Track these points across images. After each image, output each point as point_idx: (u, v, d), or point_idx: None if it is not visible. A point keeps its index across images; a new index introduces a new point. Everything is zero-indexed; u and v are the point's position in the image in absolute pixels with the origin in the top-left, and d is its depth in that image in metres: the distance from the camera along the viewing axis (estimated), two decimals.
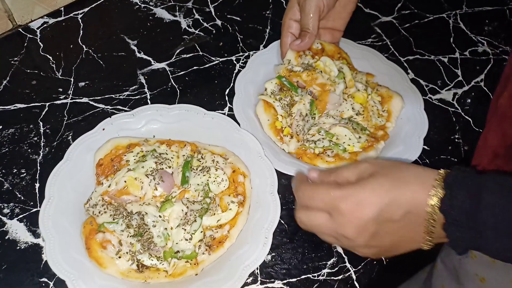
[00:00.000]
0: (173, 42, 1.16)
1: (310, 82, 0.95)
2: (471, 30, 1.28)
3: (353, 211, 0.56)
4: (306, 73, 0.95)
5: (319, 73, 0.95)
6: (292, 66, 0.97)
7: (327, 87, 0.95)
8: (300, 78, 0.95)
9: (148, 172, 0.81)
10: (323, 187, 0.61)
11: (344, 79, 0.97)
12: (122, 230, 0.74)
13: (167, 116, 0.92)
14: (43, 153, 0.89)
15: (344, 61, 1.02)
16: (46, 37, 1.13)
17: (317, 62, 0.97)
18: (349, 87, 0.99)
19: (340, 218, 0.57)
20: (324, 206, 0.59)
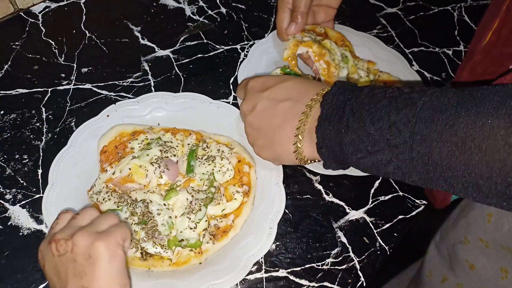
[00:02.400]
0: (177, 29, 1.14)
1: (319, 56, 0.92)
2: (475, 23, 1.27)
3: (256, 85, 0.74)
4: (317, 45, 0.91)
5: (326, 50, 0.92)
6: (301, 37, 0.93)
7: (331, 68, 0.93)
8: (311, 48, 0.91)
9: (153, 160, 0.81)
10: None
11: (348, 64, 0.95)
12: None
13: (172, 104, 0.91)
14: (46, 139, 0.88)
15: (347, 48, 1.01)
16: (48, 21, 1.11)
17: (324, 40, 0.94)
18: (351, 73, 0.98)
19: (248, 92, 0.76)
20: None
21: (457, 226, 1.04)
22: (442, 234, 1.12)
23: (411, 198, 0.86)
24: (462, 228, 1.01)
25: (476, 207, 0.98)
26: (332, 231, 0.81)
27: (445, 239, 1.09)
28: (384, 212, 0.84)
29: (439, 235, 1.13)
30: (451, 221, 1.09)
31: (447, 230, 1.09)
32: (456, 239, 1.03)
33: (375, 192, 0.87)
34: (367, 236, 0.81)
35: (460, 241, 1.01)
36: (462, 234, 1.01)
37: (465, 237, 1.00)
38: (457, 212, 1.08)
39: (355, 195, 0.86)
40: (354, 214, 0.83)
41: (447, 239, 1.08)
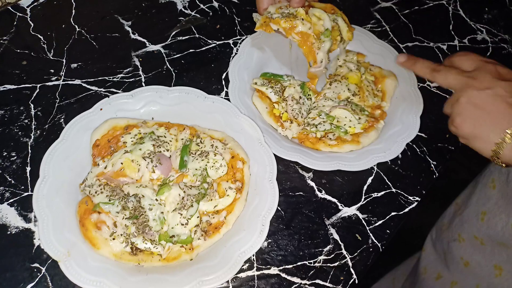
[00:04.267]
0: (168, 23, 1.12)
1: (289, 30, 0.90)
2: (470, 17, 1.26)
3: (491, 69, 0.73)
4: (284, 20, 0.89)
5: (299, 20, 0.89)
6: (270, 14, 0.92)
7: (310, 38, 0.91)
8: (279, 25, 0.90)
9: (146, 155, 0.80)
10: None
11: (330, 37, 0.92)
12: (117, 212, 0.73)
13: (167, 98, 0.90)
14: (34, 136, 0.87)
15: (338, 14, 0.98)
16: (37, 16, 1.09)
17: (297, 10, 0.92)
18: (347, 39, 0.96)
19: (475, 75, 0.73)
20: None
21: (452, 224, 1.04)
22: (437, 231, 1.12)
23: (404, 195, 0.86)
24: (457, 226, 1.01)
25: (471, 205, 0.98)
26: (325, 228, 0.80)
27: (441, 236, 1.09)
28: (377, 209, 0.84)
29: (435, 232, 1.13)
30: (446, 219, 1.09)
31: (442, 228, 1.09)
32: (451, 237, 1.03)
33: (367, 188, 0.86)
34: (360, 233, 0.80)
35: (454, 238, 1.01)
36: (456, 231, 1.01)
37: (459, 234, 1.00)
38: (452, 211, 1.08)
39: (347, 192, 0.85)
40: (347, 211, 0.83)
41: (442, 236, 1.08)
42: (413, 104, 0.95)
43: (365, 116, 0.92)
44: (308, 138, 0.90)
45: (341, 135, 0.89)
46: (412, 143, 0.93)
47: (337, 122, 0.91)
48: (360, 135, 0.89)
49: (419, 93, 0.97)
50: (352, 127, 0.90)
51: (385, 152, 0.87)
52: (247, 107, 0.91)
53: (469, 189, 1.05)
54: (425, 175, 0.90)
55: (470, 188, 1.05)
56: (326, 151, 0.88)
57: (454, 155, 0.96)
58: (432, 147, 0.94)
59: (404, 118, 0.93)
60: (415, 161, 0.92)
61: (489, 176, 0.95)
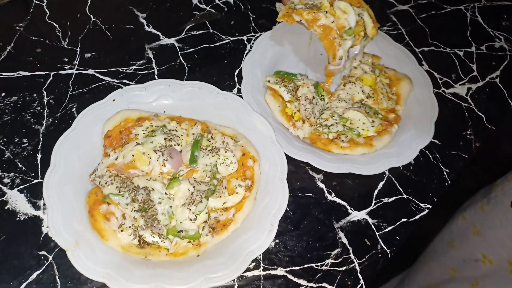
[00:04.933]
0: (183, 17, 1.12)
1: (311, 23, 0.88)
2: (488, 24, 1.25)
3: None
4: (307, 11, 0.87)
5: (322, 12, 0.87)
6: (294, 4, 0.90)
7: (332, 32, 0.88)
8: (302, 16, 0.88)
9: (157, 148, 0.79)
10: None
11: (352, 36, 0.90)
12: (127, 204, 0.72)
13: (179, 92, 0.89)
14: (46, 124, 0.87)
15: (364, 8, 0.94)
16: (53, 4, 1.09)
17: (322, 2, 0.89)
18: (371, 35, 0.93)
19: None
20: None
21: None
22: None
23: (416, 202, 0.85)
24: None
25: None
26: (333, 231, 0.79)
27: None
28: (387, 215, 0.82)
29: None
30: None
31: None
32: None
33: (378, 193, 0.85)
34: (369, 238, 0.79)
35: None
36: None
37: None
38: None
39: (358, 196, 0.84)
40: (356, 215, 0.82)
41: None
42: (428, 110, 0.94)
43: (379, 119, 0.91)
44: (320, 139, 0.89)
45: (354, 138, 0.88)
46: (425, 149, 0.91)
47: (350, 124, 0.90)
48: (374, 138, 0.88)
49: (434, 98, 0.95)
50: (365, 130, 0.89)
51: (398, 157, 0.85)
52: (260, 105, 0.91)
53: None
54: (437, 182, 0.88)
55: None
56: (338, 153, 0.87)
57: (471, 156, 0.95)
58: (445, 154, 0.93)
59: (418, 123, 0.91)
60: (427, 167, 0.90)
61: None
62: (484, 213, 0.97)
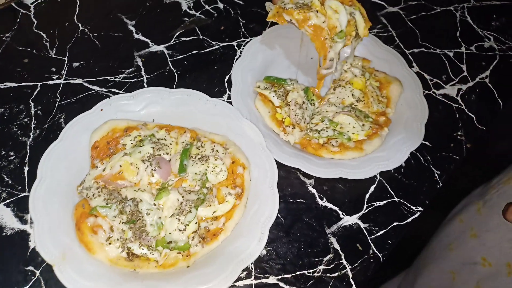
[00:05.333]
0: (172, 24, 1.11)
1: (302, 23, 0.85)
2: (478, 24, 1.25)
3: None
4: (298, 11, 0.84)
5: (313, 12, 0.84)
6: (284, 4, 0.87)
7: (323, 32, 0.85)
8: (292, 16, 0.85)
9: (145, 158, 0.79)
10: None
11: (344, 39, 0.87)
12: (114, 216, 0.72)
13: (168, 100, 0.88)
14: (33, 136, 0.86)
15: (356, 7, 0.91)
16: (41, 13, 1.08)
17: (312, 1, 0.86)
18: (363, 35, 0.90)
19: None
20: None
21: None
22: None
23: (407, 205, 0.85)
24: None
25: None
26: (325, 237, 0.79)
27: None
28: (379, 218, 0.82)
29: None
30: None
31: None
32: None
33: (370, 197, 0.85)
34: (361, 242, 0.79)
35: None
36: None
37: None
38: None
39: (349, 200, 0.84)
40: (348, 219, 0.82)
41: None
42: (418, 112, 0.93)
43: (369, 123, 0.91)
44: (311, 144, 0.88)
45: (344, 142, 0.88)
46: (416, 152, 0.91)
47: (340, 129, 0.90)
48: (364, 142, 0.88)
49: (424, 100, 0.95)
50: (355, 134, 0.88)
51: (389, 161, 0.85)
52: (250, 111, 0.90)
53: None
54: (429, 185, 0.88)
55: None
56: (329, 158, 0.87)
57: (462, 158, 0.95)
58: (436, 156, 0.93)
59: (409, 126, 0.91)
60: (418, 170, 0.90)
61: None
62: (481, 216, 0.97)
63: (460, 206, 1.08)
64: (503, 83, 1.10)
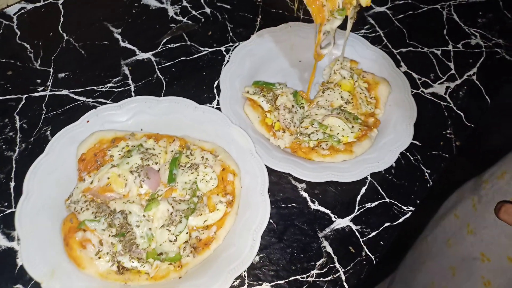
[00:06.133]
0: (159, 30, 1.10)
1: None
2: (464, 22, 1.25)
3: None
4: None
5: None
6: None
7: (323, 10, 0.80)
8: None
9: (133, 169, 0.78)
10: None
11: (343, 17, 0.83)
12: (103, 229, 0.71)
13: (156, 108, 0.88)
14: (19, 150, 0.84)
15: None
16: (24, 24, 1.07)
17: None
18: (365, 4, 0.84)
19: None
20: None
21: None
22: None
23: (398, 205, 0.85)
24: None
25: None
26: (318, 241, 0.79)
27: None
28: (371, 220, 0.82)
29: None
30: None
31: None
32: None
33: (361, 199, 0.85)
34: (353, 245, 0.79)
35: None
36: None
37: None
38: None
39: (341, 203, 0.84)
40: (340, 222, 0.81)
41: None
42: (407, 112, 0.93)
43: (358, 125, 0.91)
44: (301, 147, 0.88)
45: (334, 145, 0.88)
46: (406, 151, 0.91)
47: (330, 131, 0.89)
48: (353, 144, 0.88)
49: (413, 100, 0.95)
50: (345, 136, 0.88)
51: (379, 162, 0.85)
52: (239, 117, 0.90)
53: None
54: (419, 184, 0.88)
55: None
56: (319, 161, 0.86)
57: (457, 151, 0.95)
58: (426, 155, 0.93)
59: (398, 126, 0.91)
60: (409, 169, 0.90)
61: None
62: (477, 212, 0.97)
63: (453, 198, 1.08)
64: (490, 79, 1.10)
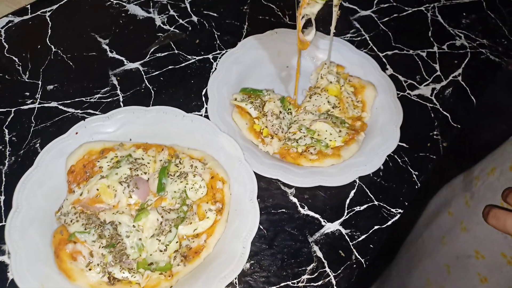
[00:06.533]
0: (147, 40, 1.11)
1: None
2: (449, 23, 1.27)
3: None
4: None
5: None
6: None
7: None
8: None
9: (122, 179, 0.78)
10: None
11: (324, 1, 0.81)
12: (93, 241, 0.71)
13: (144, 118, 0.88)
14: (9, 163, 0.85)
15: None
16: (12, 37, 1.07)
17: None
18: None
19: None
20: None
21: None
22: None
23: (387, 207, 0.86)
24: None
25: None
26: (308, 246, 0.79)
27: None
28: (360, 223, 0.83)
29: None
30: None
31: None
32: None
33: (350, 202, 0.86)
34: (343, 249, 0.80)
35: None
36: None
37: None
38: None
39: (330, 207, 0.85)
40: (330, 226, 0.82)
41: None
42: (393, 115, 0.95)
43: (346, 129, 0.92)
44: (289, 153, 0.89)
45: (322, 149, 0.89)
46: (394, 154, 0.92)
47: (317, 136, 0.90)
48: (341, 149, 0.89)
49: (398, 103, 0.97)
50: (332, 141, 0.89)
51: (366, 165, 0.86)
52: (227, 124, 0.90)
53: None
54: (407, 186, 0.89)
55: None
56: (308, 166, 0.87)
57: (444, 151, 0.96)
58: (413, 157, 0.94)
59: (384, 129, 0.93)
60: (397, 172, 0.91)
61: None
62: (470, 209, 0.98)
63: (443, 193, 1.09)
64: (475, 80, 1.12)
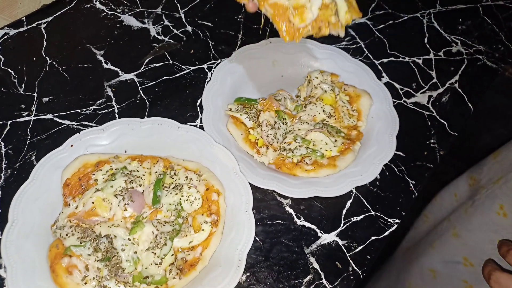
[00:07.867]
0: (142, 50, 1.11)
1: (261, 0, 0.67)
2: (445, 29, 1.27)
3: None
4: None
5: None
6: None
7: (286, 13, 0.67)
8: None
9: (117, 192, 0.78)
10: None
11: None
12: (89, 254, 0.71)
13: (139, 130, 0.88)
14: (5, 176, 0.85)
15: None
16: (7, 49, 1.07)
17: None
18: (345, 22, 0.70)
19: None
20: None
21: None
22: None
23: (384, 217, 0.85)
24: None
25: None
26: (304, 257, 0.79)
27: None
28: (357, 234, 0.82)
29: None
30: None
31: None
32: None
33: (346, 213, 0.85)
34: (340, 260, 0.79)
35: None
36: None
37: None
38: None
39: (326, 217, 0.84)
40: (326, 237, 0.82)
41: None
42: (389, 123, 0.94)
43: (341, 138, 0.92)
44: (285, 163, 0.88)
45: (318, 159, 0.88)
46: (390, 163, 0.92)
47: (313, 146, 0.90)
48: (337, 159, 0.88)
49: (394, 112, 0.96)
50: (328, 151, 0.89)
51: (362, 175, 0.86)
52: (222, 135, 0.90)
53: None
54: (404, 196, 0.89)
55: None
56: (303, 177, 0.87)
57: (444, 156, 0.96)
58: (410, 166, 0.94)
59: (380, 138, 0.92)
60: (393, 181, 0.91)
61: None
62: (466, 215, 0.98)
63: (446, 200, 1.08)
64: (472, 86, 1.12)
